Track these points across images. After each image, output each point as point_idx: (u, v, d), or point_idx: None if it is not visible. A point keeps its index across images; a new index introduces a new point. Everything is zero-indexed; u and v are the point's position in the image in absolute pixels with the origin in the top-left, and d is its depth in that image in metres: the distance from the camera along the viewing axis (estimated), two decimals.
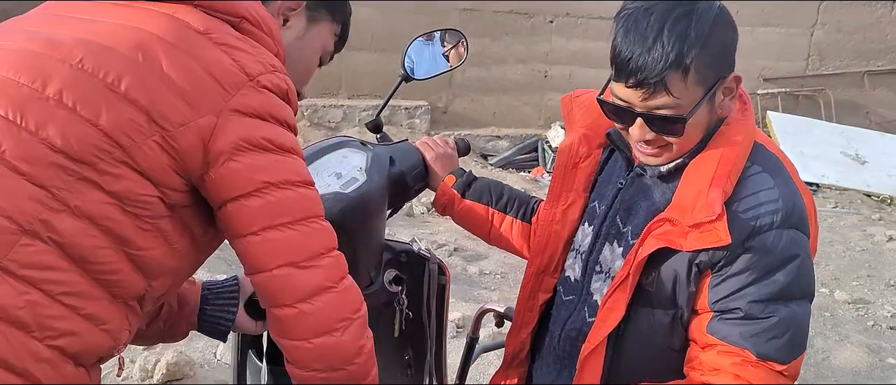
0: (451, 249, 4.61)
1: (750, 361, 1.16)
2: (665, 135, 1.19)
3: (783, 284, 1.16)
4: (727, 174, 1.16)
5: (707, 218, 1.13)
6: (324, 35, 1.25)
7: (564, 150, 1.40)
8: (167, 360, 2.94)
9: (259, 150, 0.99)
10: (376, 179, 1.35)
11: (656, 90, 1.13)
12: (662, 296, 1.22)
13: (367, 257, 1.37)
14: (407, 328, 1.48)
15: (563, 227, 1.39)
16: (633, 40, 1.13)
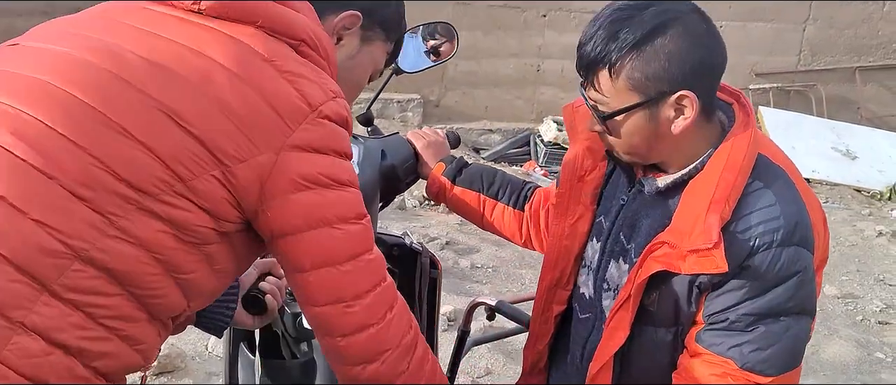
0: (442, 243, 4.61)
1: (731, 373, 1.15)
2: (603, 132, 1.22)
3: (776, 300, 1.14)
4: (725, 198, 1.13)
5: (704, 245, 1.11)
6: (376, 54, 1.23)
7: (569, 163, 1.38)
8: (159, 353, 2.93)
9: (316, 186, 0.98)
10: (368, 172, 1.35)
11: (588, 82, 1.19)
12: (664, 315, 1.22)
13: None
14: None
15: (572, 242, 1.38)
16: (585, 32, 1.18)
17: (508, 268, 4.38)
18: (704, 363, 1.17)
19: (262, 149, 0.95)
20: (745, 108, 1.24)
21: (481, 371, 3.21)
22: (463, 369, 3.15)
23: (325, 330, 1.06)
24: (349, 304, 1.03)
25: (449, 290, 3.87)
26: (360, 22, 1.17)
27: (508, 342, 3.37)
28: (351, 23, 1.16)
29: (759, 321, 1.14)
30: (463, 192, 1.57)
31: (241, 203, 0.97)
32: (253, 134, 0.95)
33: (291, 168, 0.96)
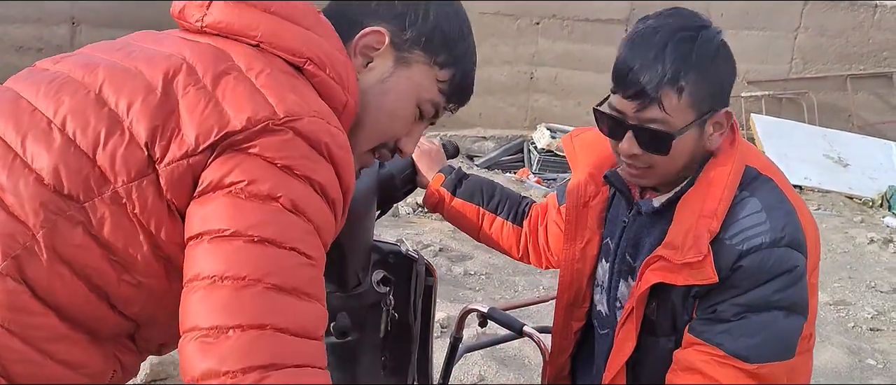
0: (436, 250, 4.61)
1: (718, 358, 1.19)
2: (652, 151, 1.22)
3: (764, 294, 1.19)
4: (713, 212, 1.19)
5: (694, 259, 1.17)
6: (417, 79, 1.06)
7: (573, 191, 1.43)
8: (151, 361, 2.93)
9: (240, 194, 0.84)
10: (365, 181, 1.35)
11: (650, 103, 1.18)
12: (664, 324, 1.28)
13: (356, 258, 1.37)
14: (389, 329, 1.49)
15: (584, 265, 1.44)
16: (636, 54, 1.18)
17: (501, 275, 4.39)
18: (694, 351, 1.22)
19: (200, 146, 0.86)
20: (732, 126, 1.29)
21: (474, 378, 3.21)
22: (455, 376, 3.15)
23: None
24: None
25: (442, 296, 3.87)
26: (388, 40, 1.04)
27: (501, 349, 3.37)
28: (375, 41, 1.04)
29: (746, 312, 1.19)
30: (463, 205, 1.59)
31: (180, 208, 0.88)
32: (197, 132, 0.86)
33: (224, 167, 0.86)
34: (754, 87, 7.91)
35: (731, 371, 1.19)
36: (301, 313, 0.84)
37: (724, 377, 1.19)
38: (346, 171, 0.93)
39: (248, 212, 0.84)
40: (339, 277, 1.36)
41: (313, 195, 0.88)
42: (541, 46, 7.31)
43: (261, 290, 0.81)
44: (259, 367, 0.79)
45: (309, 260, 0.86)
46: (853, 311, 4.35)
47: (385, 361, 1.52)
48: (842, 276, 4.88)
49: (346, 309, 1.37)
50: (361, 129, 1.06)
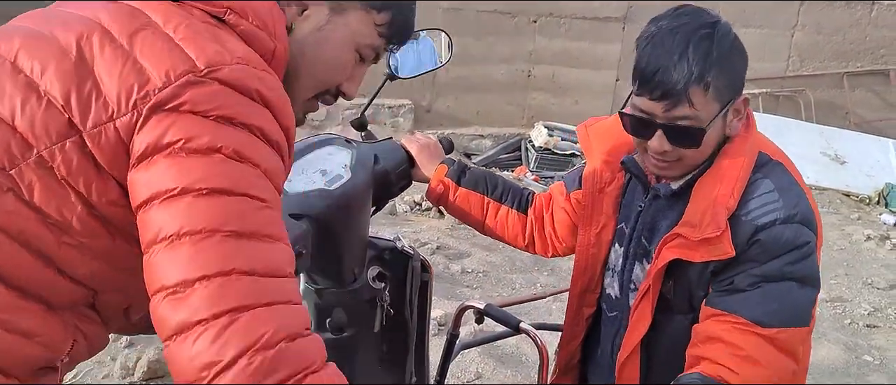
0: (433, 248, 4.62)
1: (738, 325, 1.24)
2: (683, 147, 1.27)
3: (778, 266, 1.24)
4: (731, 191, 1.26)
5: (712, 234, 1.24)
6: (354, 26, 1.07)
7: (589, 177, 1.48)
8: (148, 358, 2.93)
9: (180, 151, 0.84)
10: (361, 177, 1.35)
11: (679, 102, 1.23)
12: (681, 302, 1.34)
13: (351, 254, 1.38)
14: (387, 325, 1.49)
15: (599, 250, 1.49)
16: (660, 56, 1.23)
17: (498, 272, 4.39)
18: (714, 322, 1.26)
19: (126, 108, 0.85)
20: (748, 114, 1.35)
21: (471, 375, 3.22)
22: (453, 373, 3.15)
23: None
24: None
25: (439, 294, 3.87)
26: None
27: (498, 346, 3.38)
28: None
29: (762, 282, 1.25)
30: (467, 195, 1.60)
31: (113, 172, 0.87)
32: (118, 94, 0.86)
33: (158, 132, 0.84)
34: (751, 85, 7.91)
35: (751, 337, 1.23)
36: (265, 254, 0.84)
37: (745, 343, 1.22)
38: (283, 113, 0.92)
39: (192, 168, 0.83)
40: (335, 273, 1.36)
41: (255, 140, 0.88)
42: (538, 44, 7.31)
43: (220, 239, 0.81)
44: (229, 311, 0.79)
45: (263, 203, 0.86)
46: (850, 308, 4.36)
47: (382, 357, 1.52)
48: (838, 273, 4.89)
49: (343, 305, 1.38)
50: (301, 77, 1.06)
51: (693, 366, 1.26)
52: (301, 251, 1.20)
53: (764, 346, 1.23)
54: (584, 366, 1.63)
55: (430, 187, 1.58)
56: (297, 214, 1.23)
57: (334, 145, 1.41)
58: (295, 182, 1.30)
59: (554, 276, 4.31)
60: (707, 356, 1.24)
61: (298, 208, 1.24)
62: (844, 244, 5.47)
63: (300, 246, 1.19)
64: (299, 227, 1.21)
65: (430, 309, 1.60)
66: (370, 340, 1.47)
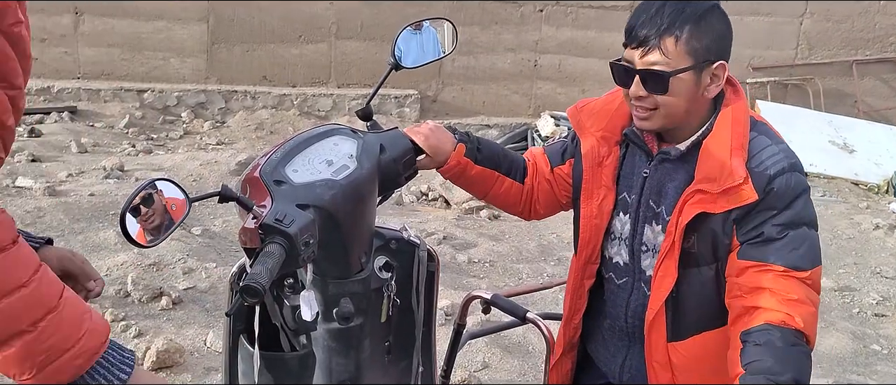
0: (440, 238, 4.62)
1: (778, 273, 1.36)
2: (655, 92, 1.41)
3: (794, 214, 1.39)
4: (741, 145, 1.40)
5: (734, 183, 1.38)
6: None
7: (588, 154, 1.59)
8: (157, 348, 2.94)
9: None
10: (367, 167, 1.35)
11: (651, 48, 1.39)
12: (705, 253, 1.46)
13: (358, 243, 1.37)
14: (393, 314, 1.49)
15: (601, 220, 1.59)
16: (641, 13, 1.42)
17: (505, 262, 4.40)
18: (754, 273, 1.38)
19: None
20: (732, 82, 1.50)
21: (478, 365, 3.22)
22: (460, 363, 3.16)
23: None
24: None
25: (446, 284, 3.88)
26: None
27: (505, 336, 3.38)
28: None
29: (786, 229, 1.38)
30: (482, 172, 1.65)
31: None
32: None
33: None
34: (759, 74, 7.88)
35: (792, 282, 1.35)
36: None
37: (792, 289, 1.35)
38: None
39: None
40: (342, 263, 1.36)
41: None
42: (544, 33, 7.29)
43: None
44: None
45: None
46: (858, 297, 4.35)
47: (389, 346, 1.53)
48: (847, 262, 4.87)
49: (349, 294, 1.38)
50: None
51: (745, 316, 1.37)
52: (308, 241, 1.20)
53: (805, 288, 1.36)
54: (584, 344, 1.71)
55: (449, 165, 1.59)
56: (303, 204, 1.23)
57: (340, 135, 1.41)
58: (301, 172, 1.29)
59: (561, 265, 4.31)
60: (760, 306, 1.35)
61: (305, 199, 1.23)
62: (853, 233, 5.45)
63: (307, 236, 1.19)
64: (306, 218, 1.20)
65: (437, 299, 1.60)
66: (377, 330, 1.48)
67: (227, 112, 7.23)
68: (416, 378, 1.60)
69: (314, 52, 7.29)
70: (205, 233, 4.26)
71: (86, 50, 7.16)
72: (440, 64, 7.38)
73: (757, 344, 1.32)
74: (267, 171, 1.28)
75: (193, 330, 3.22)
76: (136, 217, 1.11)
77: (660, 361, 1.52)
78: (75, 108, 6.87)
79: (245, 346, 1.41)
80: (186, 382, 2.89)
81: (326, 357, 1.44)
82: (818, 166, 6.84)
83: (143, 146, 6.22)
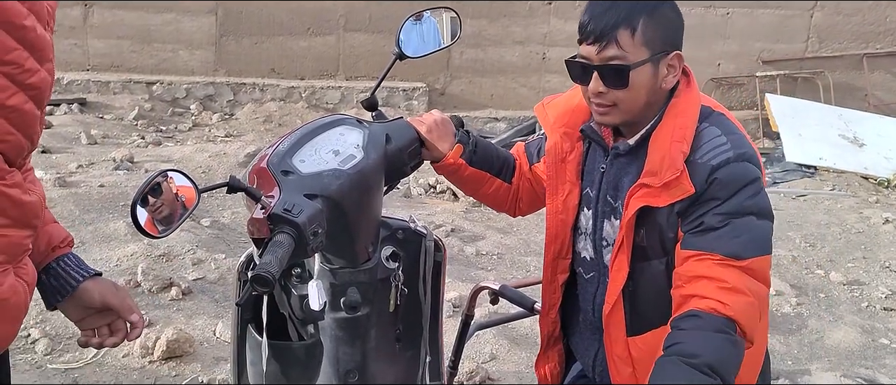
0: (448, 230, 4.63)
1: (717, 261, 1.35)
2: (614, 87, 1.40)
3: (738, 203, 1.37)
4: (683, 137, 1.39)
5: (672, 176, 1.37)
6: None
7: (551, 150, 1.59)
8: (167, 338, 2.96)
9: None
10: (373, 156, 1.35)
11: (608, 43, 1.38)
12: (654, 247, 1.45)
13: (365, 233, 1.38)
14: (401, 304, 1.50)
15: (567, 215, 1.58)
16: (595, 6, 1.41)
17: (513, 255, 4.40)
18: (694, 262, 1.37)
19: None
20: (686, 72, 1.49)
21: (486, 356, 3.23)
22: (468, 354, 3.17)
23: None
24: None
25: (454, 276, 3.89)
26: None
27: (513, 327, 3.39)
28: None
29: (728, 218, 1.36)
30: (475, 173, 1.66)
31: None
32: None
33: None
34: (769, 67, 7.84)
35: (731, 270, 1.34)
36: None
37: (728, 276, 1.33)
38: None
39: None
40: (350, 253, 1.37)
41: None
42: (553, 26, 7.27)
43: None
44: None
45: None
46: (867, 291, 4.34)
47: (398, 335, 1.54)
48: (856, 256, 4.86)
49: (357, 284, 1.39)
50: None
51: (682, 304, 1.35)
52: (317, 230, 1.20)
53: (743, 276, 1.34)
54: (567, 339, 1.72)
55: (444, 163, 1.59)
56: (311, 194, 1.23)
57: (345, 125, 1.41)
58: (308, 162, 1.30)
59: None
60: (696, 293, 1.34)
61: (313, 189, 1.24)
62: (862, 227, 5.43)
63: (316, 225, 1.20)
64: (314, 207, 1.21)
65: (444, 289, 1.61)
66: (385, 319, 1.48)
67: (236, 104, 7.25)
68: (423, 368, 1.61)
69: (322, 44, 7.29)
70: (214, 224, 4.29)
71: (95, 42, 7.19)
72: (448, 57, 7.38)
73: (681, 329, 1.31)
74: (274, 162, 1.29)
75: (203, 320, 3.24)
76: (147, 207, 1.12)
77: (620, 355, 1.51)
78: (85, 100, 6.91)
79: (253, 335, 1.43)
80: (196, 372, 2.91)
81: (333, 346, 1.45)
82: (827, 160, 6.80)
83: (152, 138, 6.25)
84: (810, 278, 4.48)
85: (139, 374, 2.92)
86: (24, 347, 3.00)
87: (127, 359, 3.00)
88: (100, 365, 2.96)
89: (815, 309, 4.03)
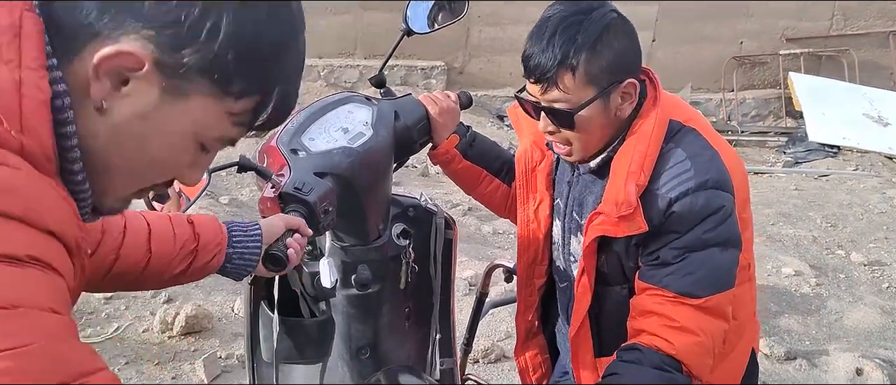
0: (464, 209, 4.64)
1: (669, 299, 1.31)
2: (562, 128, 1.34)
3: (698, 235, 1.30)
4: (640, 167, 1.30)
5: (627, 211, 1.29)
6: (197, 114, 0.76)
7: (521, 158, 1.55)
8: (187, 313, 3.01)
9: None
10: (382, 134, 1.36)
11: (550, 86, 1.30)
12: (615, 274, 1.40)
13: (375, 211, 1.39)
14: (412, 281, 1.51)
15: (538, 225, 1.54)
16: (534, 43, 1.31)
17: None
18: (646, 296, 1.33)
19: None
20: (654, 84, 1.40)
21: (502, 334, 3.24)
22: (484, 332, 3.19)
23: None
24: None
25: (470, 255, 3.90)
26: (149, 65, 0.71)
27: None
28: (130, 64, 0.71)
29: (686, 253, 1.30)
30: (470, 167, 1.64)
31: None
32: None
33: None
34: (793, 45, 7.72)
35: (682, 308, 1.29)
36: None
37: (678, 315, 1.29)
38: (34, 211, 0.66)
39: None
40: (360, 230, 1.38)
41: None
42: None
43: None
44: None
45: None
46: (888, 272, 4.29)
47: (408, 312, 1.55)
48: (878, 237, 4.80)
49: (367, 261, 1.40)
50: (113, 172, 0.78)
51: (633, 337, 1.33)
52: (327, 208, 1.21)
53: (695, 315, 1.29)
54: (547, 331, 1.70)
55: (437, 152, 1.59)
56: (321, 172, 1.24)
57: (354, 103, 1.41)
58: (317, 141, 1.30)
59: None
60: (645, 329, 1.31)
61: (323, 167, 1.24)
62: (885, 207, 5.36)
63: (326, 204, 1.21)
64: (324, 186, 1.22)
65: (455, 267, 1.62)
66: (396, 297, 1.49)
67: None
68: (433, 345, 1.62)
69: (340, 23, 7.28)
70: (232, 202, 4.32)
71: None
72: (467, 35, 7.34)
73: (621, 360, 1.30)
74: (284, 141, 1.29)
75: (221, 296, 3.29)
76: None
77: (589, 377, 1.49)
78: None
79: (266, 312, 1.44)
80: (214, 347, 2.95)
81: (345, 323, 1.46)
82: (851, 140, 6.70)
83: None
84: (831, 259, 4.44)
85: (159, 348, 2.97)
86: None
87: (147, 334, 3.05)
88: (121, 339, 3.01)
89: (835, 290, 4.00)
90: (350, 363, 1.52)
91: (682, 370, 1.28)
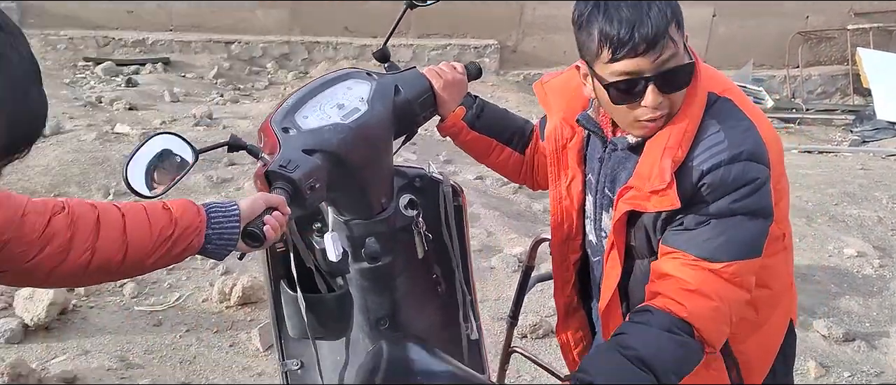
0: (516, 187, 4.63)
1: (687, 262, 1.29)
2: (679, 88, 1.28)
3: (726, 204, 1.27)
4: (678, 144, 1.28)
5: (660, 186, 1.27)
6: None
7: (551, 136, 1.52)
8: (243, 285, 3.11)
9: None
10: (379, 108, 1.35)
11: (665, 46, 1.23)
12: (642, 247, 1.40)
13: (376, 185, 1.39)
14: (430, 249, 1.52)
15: (571, 202, 1.53)
16: (627, 16, 1.23)
17: None
18: (665, 259, 1.32)
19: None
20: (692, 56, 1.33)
21: (549, 310, 3.24)
22: (532, 308, 3.19)
23: None
24: None
25: (520, 232, 3.90)
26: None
27: None
28: None
29: (711, 218, 1.29)
30: (478, 138, 1.64)
31: None
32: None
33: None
34: (861, 19, 7.42)
35: (699, 272, 1.27)
36: None
37: (693, 278, 1.27)
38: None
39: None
40: (363, 205, 1.39)
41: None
42: None
43: None
44: None
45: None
46: None
47: (436, 279, 1.56)
48: None
49: (375, 234, 1.41)
50: None
51: (649, 299, 1.32)
52: (314, 185, 1.22)
53: (713, 280, 1.27)
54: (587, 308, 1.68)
55: (444, 125, 1.59)
56: (310, 150, 1.25)
57: (354, 79, 1.41)
58: (310, 118, 1.32)
59: None
60: (660, 291, 1.30)
61: (312, 144, 1.25)
62: None
63: (313, 180, 1.22)
64: (311, 163, 1.22)
65: (468, 233, 1.61)
66: (414, 267, 1.51)
67: (310, 63, 7.38)
68: (465, 308, 1.63)
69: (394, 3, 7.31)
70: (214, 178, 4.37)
71: (177, 4, 7.42)
72: (521, 13, 7.28)
73: (631, 321, 1.29)
74: (277, 120, 1.31)
75: None
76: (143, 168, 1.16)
77: None
78: (168, 60, 7.17)
79: (286, 290, 1.47)
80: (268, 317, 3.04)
81: (361, 296, 1.49)
82: None
83: (230, 96, 6.45)
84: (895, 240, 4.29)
85: (217, 317, 3.08)
86: (112, 290, 3.20)
87: (206, 303, 3.16)
88: (181, 308, 3.13)
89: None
90: (370, 334, 1.54)
91: (694, 335, 1.26)
